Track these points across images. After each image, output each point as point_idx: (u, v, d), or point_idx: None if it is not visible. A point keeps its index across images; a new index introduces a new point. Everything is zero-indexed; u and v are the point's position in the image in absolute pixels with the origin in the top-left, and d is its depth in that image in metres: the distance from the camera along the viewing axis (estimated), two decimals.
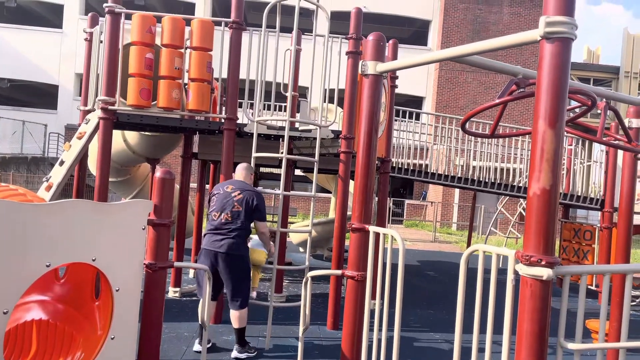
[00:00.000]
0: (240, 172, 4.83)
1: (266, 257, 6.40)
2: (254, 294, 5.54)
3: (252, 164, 5.23)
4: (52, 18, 25.72)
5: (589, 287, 8.57)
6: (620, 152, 6.80)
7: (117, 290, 2.73)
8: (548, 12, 2.05)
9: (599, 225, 8.69)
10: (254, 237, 5.58)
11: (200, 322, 4.57)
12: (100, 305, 2.83)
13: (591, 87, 3.22)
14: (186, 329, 5.32)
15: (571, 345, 2.15)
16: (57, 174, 5.51)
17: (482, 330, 2.45)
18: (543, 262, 2.02)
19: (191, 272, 8.07)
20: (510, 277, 2.23)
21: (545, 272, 2.02)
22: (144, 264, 2.96)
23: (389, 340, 2.94)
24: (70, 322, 2.82)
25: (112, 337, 2.74)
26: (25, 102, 27.09)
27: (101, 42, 5.71)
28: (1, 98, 25.67)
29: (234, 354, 4.63)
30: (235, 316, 4.55)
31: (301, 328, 3.92)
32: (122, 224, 2.76)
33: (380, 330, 3.12)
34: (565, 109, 2.06)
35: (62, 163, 5.61)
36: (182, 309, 6.12)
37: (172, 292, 6.67)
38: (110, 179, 6.77)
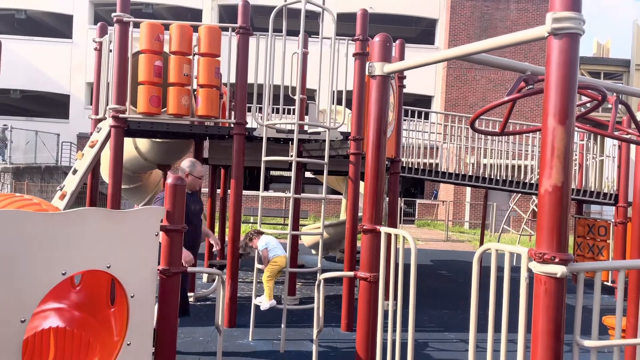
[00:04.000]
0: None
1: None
2: (268, 304, 5.28)
3: (262, 168, 5.23)
4: (62, 29, 26.02)
5: (605, 283, 8.47)
6: (632, 146, 6.73)
7: (132, 297, 2.76)
8: (555, 8, 2.04)
9: (613, 220, 8.60)
10: (270, 240, 5.38)
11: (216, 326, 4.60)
12: (115, 312, 2.86)
13: (601, 81, 3.20)
14: (201, 334, 5.35)
15: (587, 343, 2.14)
16: (70, 183, 5.57)
17: (497, 329, 2.44)
18: (557, 260, 2.01)
19: (204, 277, 8.11)
20: (523, 275, 2.21)
21: (559, 270, 2.01)
22: (158, 269, 2.99)
23: (404, 341, 2.94)
24: (86, 329, 2.85)
25: (129, 342, 2.76)
26: (38, 112, 27.43)
27: (110, 51, 5.77)
28: (14, 109, 26.03)
29: None
30: None
31: (315, 330, 3.92)
32: (135, 231, 2.79)
33: (394, 331, 3.12)
34: (574, 105, 2.05)
35: (75, 172, 5.68)
36: (196, 313, 6.15)
37: None
38: (122, 186, 6.83)
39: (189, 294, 6.72)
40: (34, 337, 2.74)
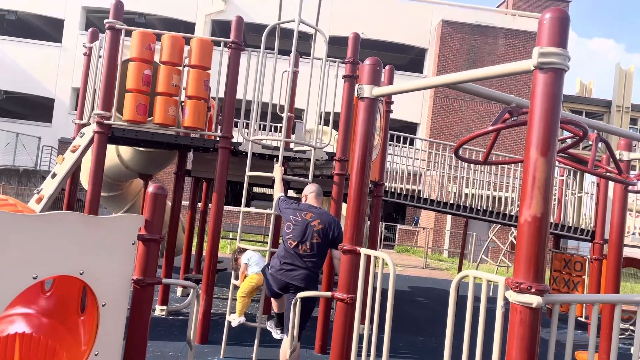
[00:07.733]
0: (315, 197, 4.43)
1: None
2: (237, 321, 5.08)
3: (246, 183, 5.21)
4: (52, 32, 25.87)
5: (579, 318, 8.54)
6: (611, 184, 6.87)
7: (103, 305, 2.69)
8: (542, 43, 2.09)
9: (589, 256, 8.71)
10: (253, 256, 5.21)
11: (187, 341, 4.49)
12: (85, 320, 2.78)
13: (583, 118, 3.27)
14: (171, 349, 5.24)
15: None
16: (48, 187, 5.47)
17: (471, 358, 2.43)
18: (533, 290, 2.02)
19: (179, 291, 7.97)
20: (500, 304, 2.22)
21: (535, 300, 2.02)
22: (132, 279, 2.93)
23: None
24: (54, 337, 2.77)
25: (96, 353, 2.69)
26: (20, 114, 27.04)
27: (100, 57, 5.74)
28: None
29: None
30: None
31: (288, 351, 3.87)
32: (111, 238, 2.74)
33: (368, 355, 3.08)
34: (557, 138, 2.09)
35: (54, 176, 5.58)
36: (168, 327, 6.03)
37: (158, 310, 6.57)
38: (101, 194, 6.73)
39: (162, 307, 6.60)
40: None
